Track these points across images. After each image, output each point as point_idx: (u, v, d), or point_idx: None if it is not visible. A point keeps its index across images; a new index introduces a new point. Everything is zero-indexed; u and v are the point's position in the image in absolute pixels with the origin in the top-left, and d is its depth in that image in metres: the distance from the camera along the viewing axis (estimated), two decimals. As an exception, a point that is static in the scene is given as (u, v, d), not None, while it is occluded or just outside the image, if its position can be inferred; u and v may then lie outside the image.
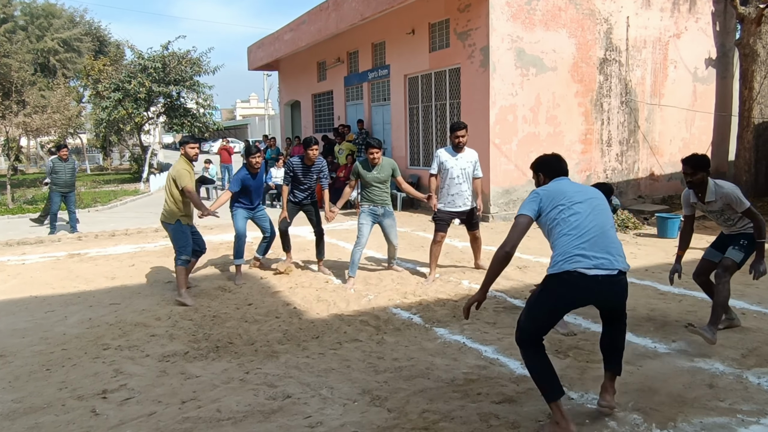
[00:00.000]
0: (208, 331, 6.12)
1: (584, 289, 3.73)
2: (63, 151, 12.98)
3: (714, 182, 5.41)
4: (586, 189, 4.11)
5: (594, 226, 3.81)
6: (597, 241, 3.76)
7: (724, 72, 15.82)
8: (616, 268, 3.74)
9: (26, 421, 4.24)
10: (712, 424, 3.95)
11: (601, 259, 3.71)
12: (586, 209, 3.88)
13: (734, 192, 5.26)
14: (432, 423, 4.02)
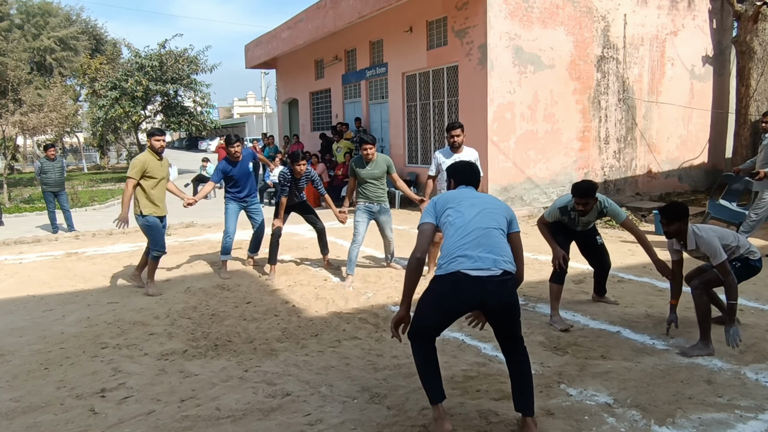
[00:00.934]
0: (207, 329, 6.12)
1: (468, 290, 3.67)
2: (50, 151, 13.06)
3: (693, 230, 5.12)
4: (484, 199, 4.09)
5: (477, 227, 3.82)
6: (480, 242, 3.76)
7: (721, 69, 15.83)
8: (501, 269, 3.70)
9: (25, 420, 4.24)
10: (711, 420, 3.96)
11: (484, 259, 3.69)
12: (472, 212, 3.91)
13: (711, 245, 4.99)
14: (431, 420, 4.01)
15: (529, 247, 9.54)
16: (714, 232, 5.11)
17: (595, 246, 6.38)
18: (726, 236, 5.24)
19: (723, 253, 4.96)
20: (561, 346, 5.35)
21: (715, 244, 4.97)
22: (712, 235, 5.05)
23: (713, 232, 5.10)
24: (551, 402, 4.26)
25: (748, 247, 5.31)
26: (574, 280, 7.66)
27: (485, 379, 4.69)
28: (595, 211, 5.89)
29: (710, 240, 4.99)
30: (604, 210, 5.89)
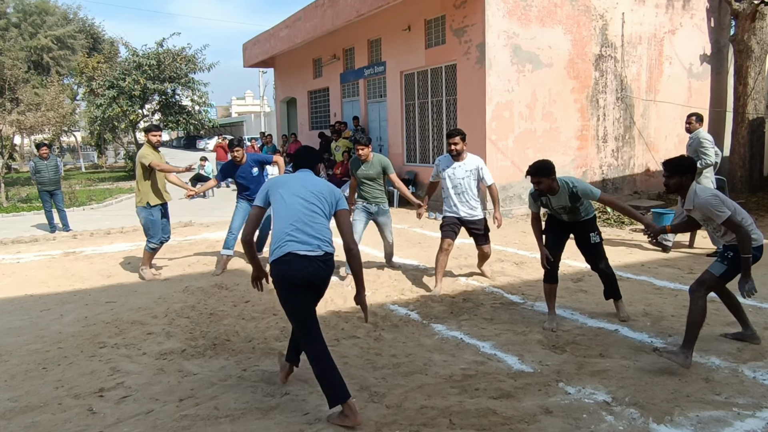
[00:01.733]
0: (205, 328, 6.11)
1: (300, 268, 4.03)
2: (43, 150, 12.98)
3: (695, 189, 4.86)
4: (313, 184, 4.35)
5: (302, 212, 4.17)
6: (304, 226, 4.12)
7: (719, 68, 15.85)
8: (324, 251, 4.13)
9: (23, 420, 4.23)
10: (709, 417, 3.97)
11: (310, 242, 4.09)
12: (297, 199, 4.22)
13: (708, 203, 4.71)
14: (430, 419, 4.02)
15: (528, 247, 9.61)
16: (717, 196, 4.77)
17: (588, 244, 6.10)
18: (729, 204, 4.80)
19: (726, 209, 4.67)
20: (559, 345, 5.35)
21: (712, 202, 4.70)
22: (712, 195, 4.75)
23: (717, 195, 4.77)
24: (550, 400, 4.26)
25: (752, 230, 4.79)
26: (573, 278, 7.67)
27: (484, 377, 4.69)
28: (565, 194, 5.70)
29: (707, 200, 4.72)
30: (574, 190, 5.68)
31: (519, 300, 6.81)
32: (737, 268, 4.80)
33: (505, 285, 7.45)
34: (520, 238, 10.53)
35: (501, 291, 7.19)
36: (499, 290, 7.24)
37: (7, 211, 16.27)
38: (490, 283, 7.60)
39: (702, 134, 8.95)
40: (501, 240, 10.31)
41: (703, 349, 5.14)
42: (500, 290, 7.23)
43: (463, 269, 8.33)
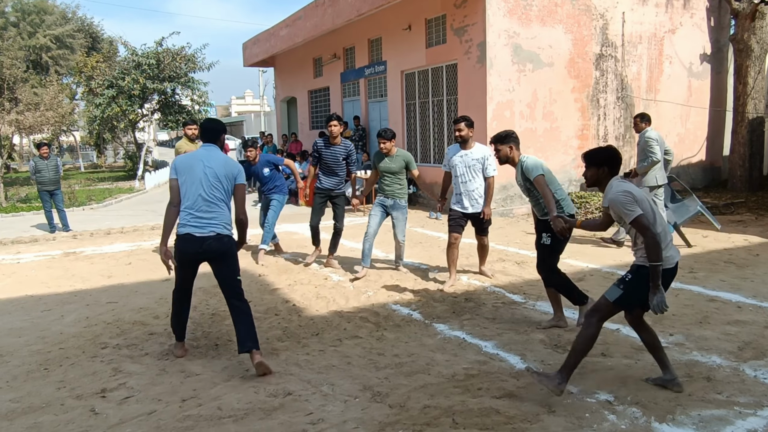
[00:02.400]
0: (207, 329, 6.11)
1: (196, 246, 5.00)
2: (43, 150, 12.95)
3: (612, 184, 4.36)
4: (214, 162, 5.08)
5: (201, 201, 5.00)
6: (202, 213, 4.99)
7: (719, 67, 15.86)
8: (216, 232, 4.99)
9: (25, 421, 4.23)
10: (710, 416, 3.98)
11: (204, 225, 4.98)
12: (199, 188, 5.02)
13: (617, 199, 4.20)
14: (433, 418, 4.02)
15: (530, 246, 9.57)
16: (629, 193, 4.18)
17: (538, 243, 5.96)
18: (645, 206, 4.20)
19: (636, 208, 4.11)
20: (561, 344, 5.36)
21: (621, 199, 4.16)
22: (625, 190, 4.20)
23: (629, 192, 4.19)
24: (552, 399, 4.25)
25: (665, 246, 4.21)
26: (574, 278, 7.64)
27: (486, 377, 4.69)
28: (519, 168, 5.74)
29: (617, 196, 4.20)
30: (523, 166, 5.68)
31: (521, 299, 6.81)
32: (636, 293, 4.21)
33: (507, 284, 7.45)
34: (521, 237, 10.53)
35: (503, 290, 7.19)
36: (500, 290, 7.24)
37: (7, 211, 16.25)
38: (491, 282, 7.60)
39: (649, 133, 9.18)
40: (502, 240, 10.32)
41: (704, 347, 5.16)
42: (502, 290, 7.23)
43: (464, 268, 8.32)
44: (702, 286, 7.08)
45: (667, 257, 4.18)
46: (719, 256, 8.64)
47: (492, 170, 7.39)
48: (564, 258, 8.64)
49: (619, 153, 4.46)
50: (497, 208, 12.90)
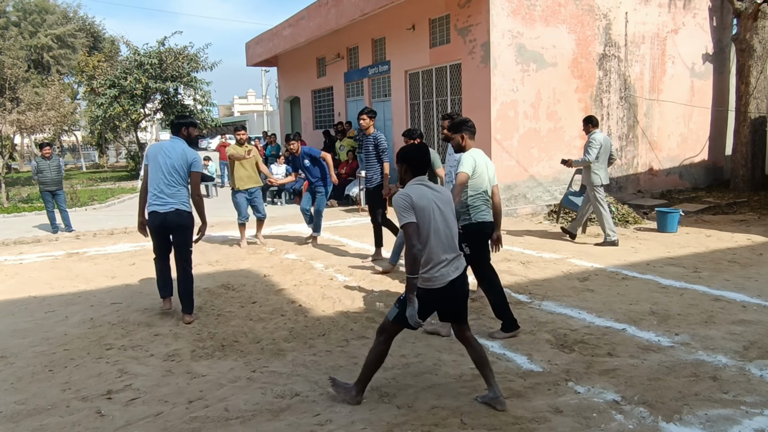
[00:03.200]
0: (213, 329, 6.10)
1: (159, 220, 6.26)
2: (45, 150, 12.92)
3: (408, 184, 4.22)
4: (173, 154, 6.29)
5: (163, 184, 6.24)
6: (162, 194, 6.25)
7: (721, 67, 15.84)
8: (174, 207, 6.24)
9: (30, 423, 4.22)
10: (717, 416, 3.98)
11: (165, 204, 6.24)
12: (160, 175, 6.25)
13: (395, 201, 4.05)
14: (441, 419, 4.02)
15: (534, 246, 9.61)
16: (407, 197, 4.00)
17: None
18: (422, 215, 4.00)
19: (409, 216, 3.94)
20: (567, 344, 5.35)
21: (398, 202, 4.01)
22: (402, 194, 4.04)
23: (408, 197, 4.00)
24: (559, 400, 4.26)
25: (431, 264, 4.06)
26: (579, 278, 7.66)
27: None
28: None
29: (396, 198, 4.06)
30: (459, 158, 5.66)
31: (526, 299, 6.80)
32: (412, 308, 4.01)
33: (512, 284, 7.43)
34: (525, 237, 10.52)
35: (508, 290, 7.15)
36: (506, 289, 7.19)
37: (8, 212, 16.24)
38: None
39: (594, 135, 9.59)
40: (506, 240, 10.28)
41: (709, 347, 5.16)
42: (507, 289, 7.17)
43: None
44: (706, 286, 7.08)
45: (435, 276, 4.05)
46: (723, 256, 8.63)
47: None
48: (568, 258, 8.71)
49: (421, 152, 4.26)
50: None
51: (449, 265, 4.08)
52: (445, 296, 4.12)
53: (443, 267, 4.05)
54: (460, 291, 4.18)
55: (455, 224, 4.24)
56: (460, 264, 4.18)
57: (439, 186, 4.32)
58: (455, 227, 4.22)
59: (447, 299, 4.15)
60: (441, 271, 4.05)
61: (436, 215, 4.05)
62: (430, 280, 4.05)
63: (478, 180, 5.54)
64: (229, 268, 8.92)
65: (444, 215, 4.11)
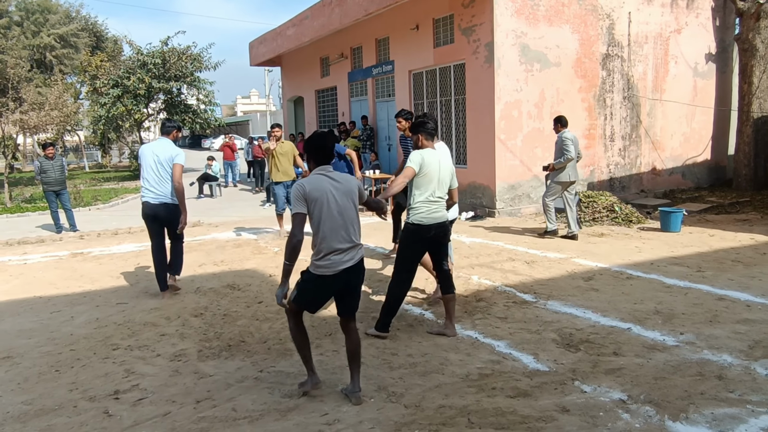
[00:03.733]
0: (219, 329, 6.11)
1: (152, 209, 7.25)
2: (49, 150, 12.92)
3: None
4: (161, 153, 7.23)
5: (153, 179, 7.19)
6: (153, 188, 7.20)
7: (724, 67, 15.82)
8: (162, 201, 7.21)
9: (38, 423, 4.24)
10: (723, 414, 3.99)
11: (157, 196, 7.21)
12: (150, 170, 7.21)
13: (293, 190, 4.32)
14: (449, 418, 4.03)
15: (539, 246, 9.62)
16: (300, 187, 4.18)
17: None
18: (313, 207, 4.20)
19: (299, 206, 4.15)
20: (573, 343, 5.36)
21: (294, 191, 4.22)
22: (299, 184, 4.21)
23: (302, 187, 4.17)
24: (566, 399, 4.27)
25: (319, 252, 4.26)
26: (583, 277, 7.67)
27: (500, 376, 4.70)
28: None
29: (293, 187, 4.24)
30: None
31: (531, 299, 6.80)
32: (305, 294, 4.37)
33: (517, 284, 7.44)
34: (529, 237, 10.52)
35: (513, 290, 7.19)
36: (511, 289, 7.23)
37: (12, 212, 16.25)
38: (502, 282, 7.58)
39: (565, 134, 10.19)
40: (511, 239, 10.32)
41: (714, 346, 5.17)
42: (512, 289, 7.23)
43: (474, 269, 8.32)
44: (710, 285, 7.08)
45: (327, 264, 4.21)
46: (726, 255, 8.63)
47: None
48: (572, 258, 8.72)
49: (321, 141, 4.31)
50: (505, 207, 12.89)
51: (343, 254, 4.22)
52: (337, 284, 4.29)
53: (335, 255, 4.20)
54: (354, 280, 4.37)
55: (354, 213, 4.32)
56: (356, 254, 4.31)
57: (344, 176, 4.37)
58: (353, 216, 4.30)
59: (339, 287, 4.32)
60: (333, 259, 4.20)
61: (331, 205, 4.17)
62: (322, 267, 4.22)
63: (423, 179, 5.54)
64: (234, 268, 8.93)
65: (340, 206, 4.21)
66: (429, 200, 5.53)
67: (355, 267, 4.31)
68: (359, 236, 4.37)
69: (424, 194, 5.53)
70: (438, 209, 5.58)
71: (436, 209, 5.57)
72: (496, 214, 12.82)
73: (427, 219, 5.53)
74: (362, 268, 4.43)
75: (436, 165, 5.57)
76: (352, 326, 4.51)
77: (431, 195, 5.53)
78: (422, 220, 5.53)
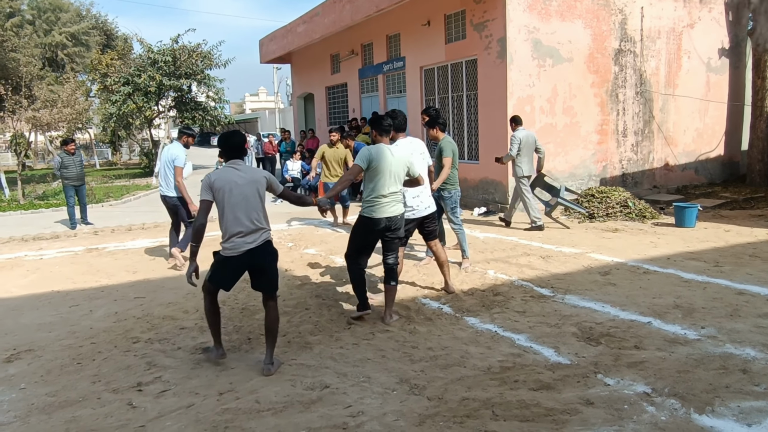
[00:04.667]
0: (238, 323, 6.14)
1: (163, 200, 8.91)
2: (70, 146, 13.14)
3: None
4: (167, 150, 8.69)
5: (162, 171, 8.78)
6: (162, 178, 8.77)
7: (737, 62, 15.72)
8: (165, 193, 8.74)
9: (63, 415, 4.27)
10: (750, 408, 3.97)
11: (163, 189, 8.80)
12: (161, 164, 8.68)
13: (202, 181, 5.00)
14: (473, 410, 4.03)
15: (554, 241, 9.61)
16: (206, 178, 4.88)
17: None
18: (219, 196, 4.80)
19: (204, 194, 4.82)
20: (594, 337, 5.35)
21: (202, 182, 4.94)
22: (206, 176, 4.91)
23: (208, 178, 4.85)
24: (590, 392, 4.26)
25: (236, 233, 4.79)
26: (600, 272, 7.65)
27: (522, 369, 4.69)
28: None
29: (203, 179, 4.96)
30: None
31: (549, 293, 6.79)
32: (217, 272, 4.92)
33: (534, 278, 7.43)
34: (543, 232, 10.50)
35: (530, 284, 7.18)
36: (528, 283, 7.22)
37: (25, 208, 16.34)
38: (518, 276, 7.58)
39: (515, 133, 10.72)
40: (525, 235, 10.31)
41: (737, 340, 5.14)
42: (529, 283, 7.21)
43: (490, 263, 8.31)
44: (729, 280, 7.04)
45: (230, 246, 4.76)
46: (743, 250, 8.59)
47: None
48: (588, 252, 8.70)
49: (228, 140, 4.90)
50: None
51: (245, 237, 4.73)
52: (241, 264, 4.82)
53: (238, 238, 4.72)
54: (259, 260, 4.84)
55: (257, 201, 4.81)
56: (259, 237, 4.79)
57: (251, 168, 5.00)
58: (256, 203, 4.80)
59: (244, 266, 4.86)
60: (235, 242, 4.72)
61: (234, 194, 4.71)
62: (228, 249, 4.76)
63: (371, 173, 5.72)
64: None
65: (245, 194, 4.74)
66: (381, 195, 5.69)
67: (259, 248, 4.78)
68: (264, 221, 4.85)
69: (375, 189, 5.69)
70: (389, 203, 5.73)
71: (387, 203, 5.72)
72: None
73: (377, 213, 5.72)
74: (268, 249, 4.89)
75: (388, 160, 5.69)
76: (271, 304, 4.97)
77: (383, 190, 5.68)
78: (372, 213, 5.73)
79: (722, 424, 3.79)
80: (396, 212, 5.78)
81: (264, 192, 4.88)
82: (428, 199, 6.78)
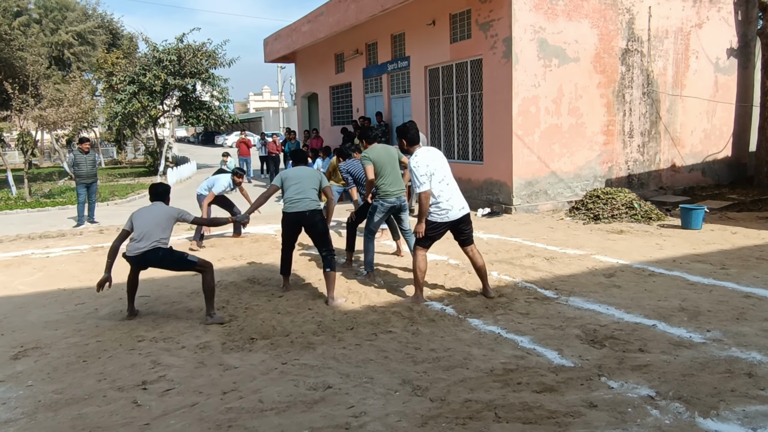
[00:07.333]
0: (242, 322, 6.15)
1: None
2: (85, 144, 13.30)
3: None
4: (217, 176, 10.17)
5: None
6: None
7: (746, 62, 15.65)
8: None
9: (69, 412, 4.30)
10: (755, 412, 3.94)
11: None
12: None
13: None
14: (475, 412, 4.02)
15: (558, 242, 9.58)
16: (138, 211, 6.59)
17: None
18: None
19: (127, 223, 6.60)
20: (598, 340, 5.34)
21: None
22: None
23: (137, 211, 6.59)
24: (593, 394, 4.25)
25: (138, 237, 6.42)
26: (605, 274, 7.63)
27: (525, 371, 4.68)
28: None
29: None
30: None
31: (553, 295, 6.77)
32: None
33: (538, 280, 7.42)
34: (547, 233, 10.48)
35: (534, 286, 7.16)
36: (531, 285, 7.21)
37: (32, 206, 16.45)
38: (522, 278, 7.57)
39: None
40: (530, 236, 10.29)
41: (743, 344, 5.12)
42: (533, 285, 7.20)
43: (494, 264, 8.28)
44: (735, 283, 7.01)
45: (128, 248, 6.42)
46: (750, 253, 8.55)
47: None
48: (592, 254, 8.69)
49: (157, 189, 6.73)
50: (522, 204, 12.86)
51: (137, 243, 6.27)
52: (138, 262, 6.45)
53: (134, 243, 6.30)
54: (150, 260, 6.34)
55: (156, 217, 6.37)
56: (147, 243, 6.24)
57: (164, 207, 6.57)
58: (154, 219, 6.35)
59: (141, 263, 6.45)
60: (133, 245, 6.31)
61: (143, 212, 6.46)
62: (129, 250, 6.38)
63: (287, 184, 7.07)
64: (253, 263, 8.99)
65: (150, 212, 6.47)
66: (291, 197, 6.93)
67: (149, 252, 6.24)
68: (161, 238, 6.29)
69: (286, 193, 7.01)
70: (297, 202, 6.90)
71: (296, 201, 6.91)
72: (513, 211, 12.77)
73: (288, 208, 6.94)
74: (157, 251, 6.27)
75: (298, 176, 7.05)
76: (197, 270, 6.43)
77: (293, 193, 6.94)
78: (286, 209, 6.98)
79: (727, 428, 3.77)
80: (305, 208, 6.90)
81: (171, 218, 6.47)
82: (461, 200, 6.58)
